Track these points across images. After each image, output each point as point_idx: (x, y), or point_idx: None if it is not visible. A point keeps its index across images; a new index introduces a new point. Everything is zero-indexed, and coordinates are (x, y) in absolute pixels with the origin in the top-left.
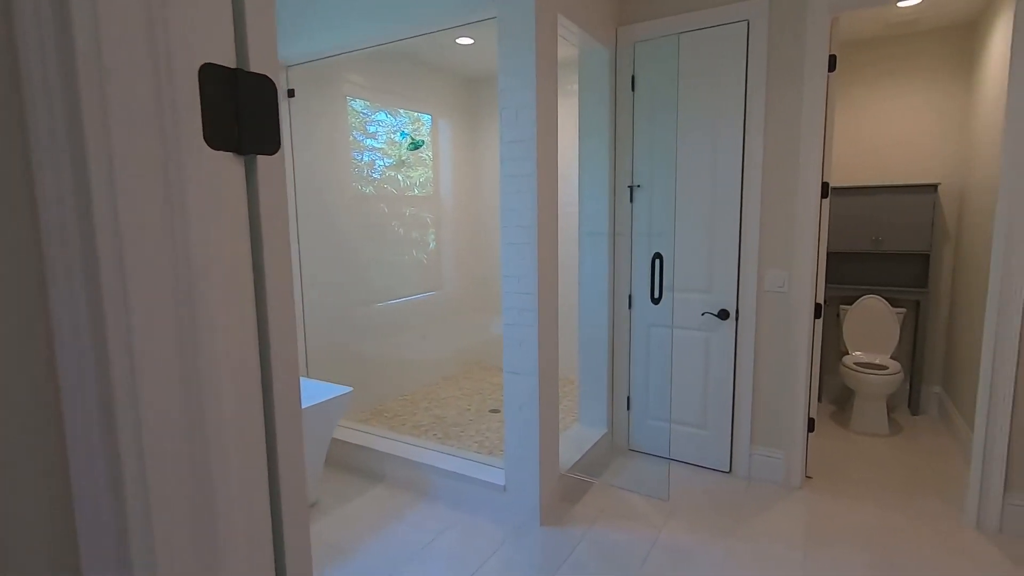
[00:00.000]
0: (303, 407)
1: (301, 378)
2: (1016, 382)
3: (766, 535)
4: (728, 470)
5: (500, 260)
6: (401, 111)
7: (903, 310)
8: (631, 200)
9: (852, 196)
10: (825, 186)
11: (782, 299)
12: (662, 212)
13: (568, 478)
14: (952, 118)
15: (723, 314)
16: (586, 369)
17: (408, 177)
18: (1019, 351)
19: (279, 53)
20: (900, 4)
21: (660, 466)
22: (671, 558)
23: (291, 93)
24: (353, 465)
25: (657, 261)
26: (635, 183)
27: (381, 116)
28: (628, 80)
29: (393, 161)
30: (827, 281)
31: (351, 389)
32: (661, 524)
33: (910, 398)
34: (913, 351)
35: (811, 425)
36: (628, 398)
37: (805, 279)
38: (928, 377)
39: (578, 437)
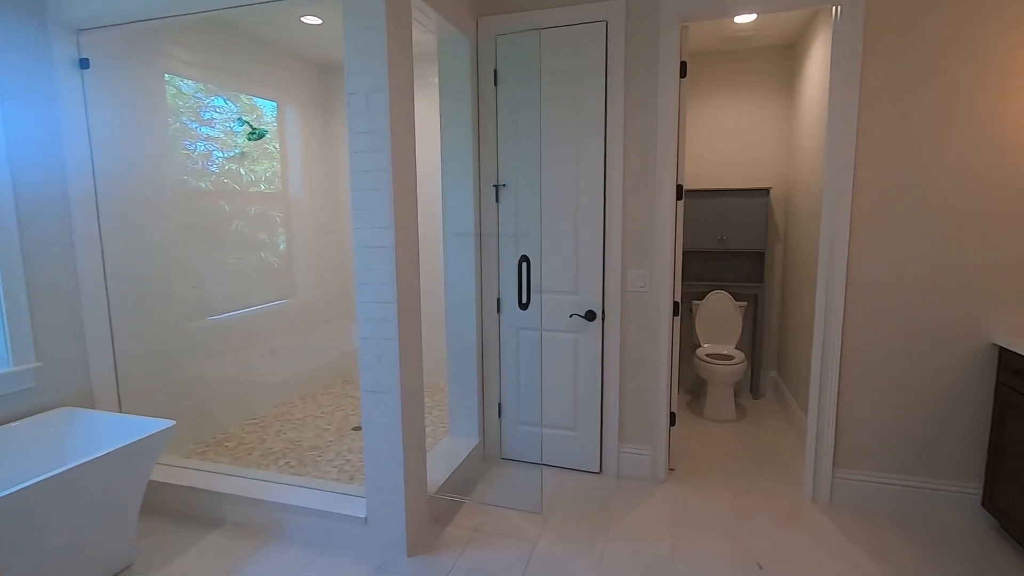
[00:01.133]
0: (98, 455)
1: (105, 415)
2: (841, 369)
3: (636, 533)
4: (599, 470)
5: (354, 265)
6: (243, 96)
7: (744, 303)
8: (497, 200)
9: (699, 198)
10: (680, 188)
11: (644, 298)
12: (528, 212)
13: (438, 500)
14: (780, 128)
15: (590, 315)
16: (455, 377)
17: (252, 171)
18: (842, 341)
19: (64, 11)
20: (736, 20)
21: (533, 473)
22: (546, 572)
23: (84, 63)
24: (181, 511)
25: (524, 264)
26: (500, 182)
27: (218, 102)
28: (491, 74)
29: (235, 152)
30: (682, 279)
31: (173, 423)
32: (536, 537)
33: (751, 384)
34: (753, 340)
35: (672, 419)
36: (499, 405)
37: (664, 278)
38: (765, 363)
39: (448, 451)
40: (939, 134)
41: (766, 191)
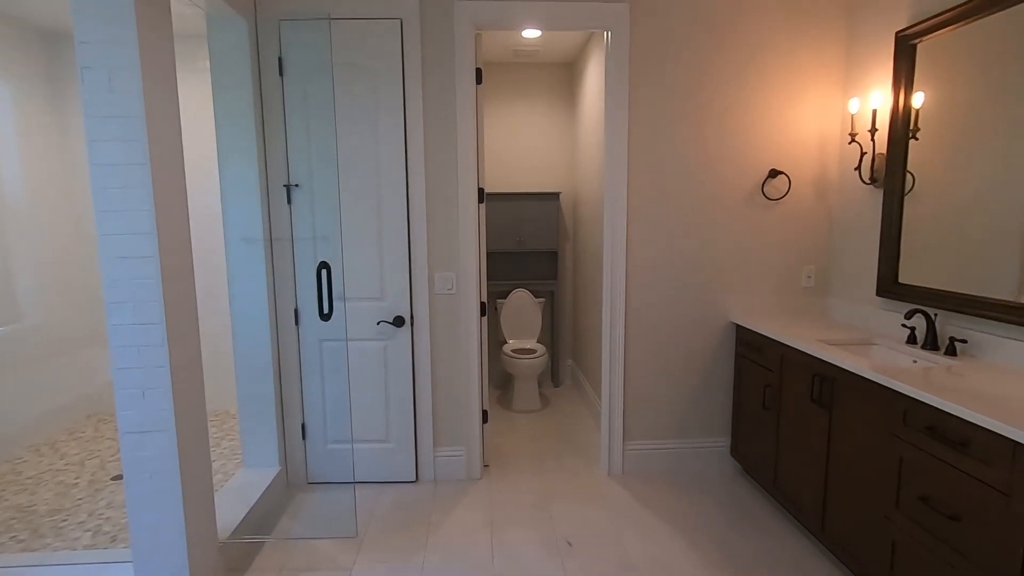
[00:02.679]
0: None
1: None
2: (625, 353)
3: (456, 537)
4: (415, 479)
5: (103, 282)
6: None
7: (543, 299)
8: (289, 201)
9: (498, 201)
10: (481, 192)
11: (452, 300)
12: (326, 215)
13: (232, 545)
14: (565, 138)
15: (398, 321)
16: (247, 400)
17: None
18: (625, 328)
19: None
20: (524, 34)
21: (345, 494)
22: None
23: None
24: None
25: (324, 270)
26: (292, 182)
27: None
28: (275, 62)
29: None
30: (487, 279)
31: None
32: (351, 563)
33: (552, 373)
34: (552, 333)
35: (485, 416)
36: (303, 425)
37: (471, 280)
38: (562, 353)
39: (243, 486)
40: (688, 150)
41: (556, 195)
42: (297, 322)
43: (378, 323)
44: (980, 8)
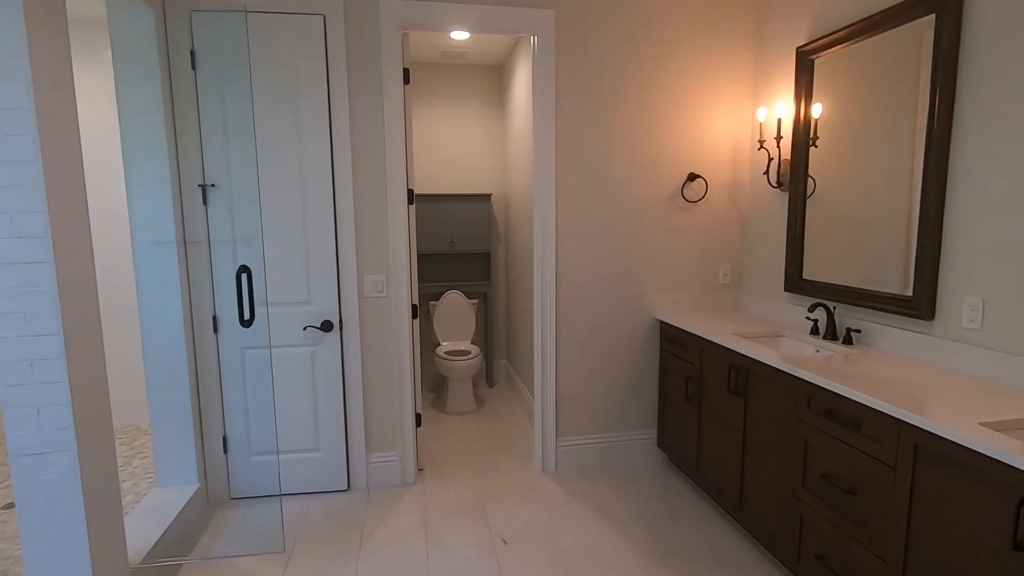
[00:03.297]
0: None
1: None
2: (557, 351)
3: (390, 544)
4: (347, 487)
5: None
6: None
7: (476, 300)
8: (205, 202)
9: (429, 203)
10: (411, 192)
11: (383, 303)
12: (246, 216)
13: (145, 570)
14: (496, 139)
15: (327, 325)
16: (160, 414)
17: None
18: (556, 327)
19: None
20: (453, 36)
21: (271, 508)
22: None
23: None
24: None
25: (244, 275)
26: (208, 182)
27: None
28: (187, 55)
29: None
30: (418, 281)
31: None
32: None
33: (487, 374)
34: (486, 334)
35: (419, 420)
36: (224, 438)
37: (401, 282)
38: (497, 353)
39: (157, 507)
40: (614, 154)
41: (487, 197)
42: (216, 329)
43: (305, 328)
44: (862, 31)
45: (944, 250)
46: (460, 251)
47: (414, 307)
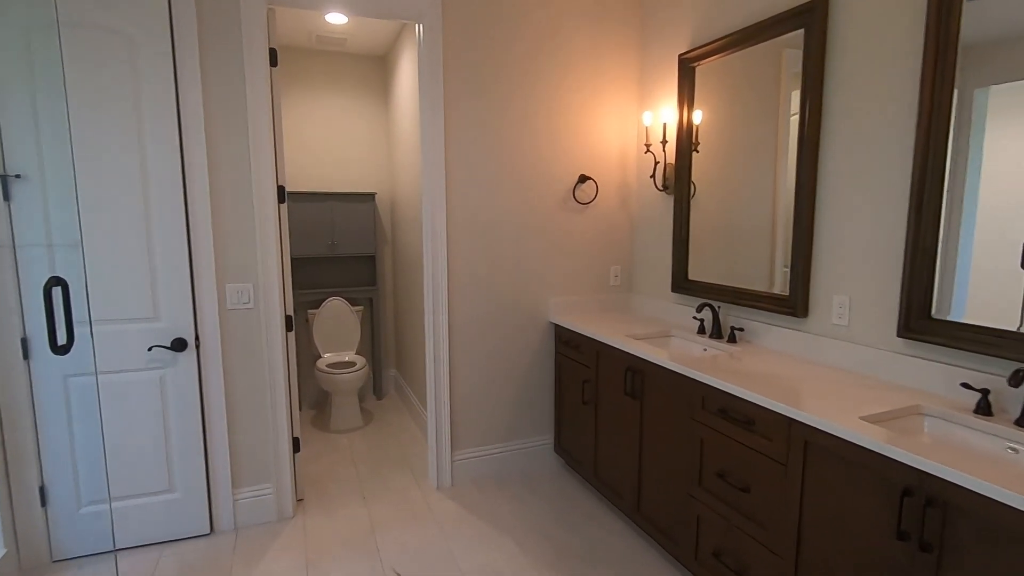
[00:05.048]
0: None
1: None
2: (450, 358)
3: None
4: (209, 531)
5: None
6: None
7: (361, 307)
8: (7, 198)
9: (306, 202)
10: (281, 190)
11: (250, 315)
12: (65, 216)
13: None
14: (380, 135)
15: (179, 344)
16: None
17: None
18: (449, 332)
19: None
20: (328, 19)
21: (105, 569)
22: None
23: None
24: None
25: (57, 288)
26: (10, 172)
27: None
28: None
29: None
30: (293, 289)
31: None
32: None
33: (375, 385)
34: (372, 342)
35: (296, 445)
36: (42, 489)
37: (272, 290)
38: (385, 362)
39: None
40: (505, 153)
41: (372, 196)
42: (27, 355)
43: (151, 348)
44: (736, 42)
45: (815, 251)
46: (342, 254)
47: (288, 318)
